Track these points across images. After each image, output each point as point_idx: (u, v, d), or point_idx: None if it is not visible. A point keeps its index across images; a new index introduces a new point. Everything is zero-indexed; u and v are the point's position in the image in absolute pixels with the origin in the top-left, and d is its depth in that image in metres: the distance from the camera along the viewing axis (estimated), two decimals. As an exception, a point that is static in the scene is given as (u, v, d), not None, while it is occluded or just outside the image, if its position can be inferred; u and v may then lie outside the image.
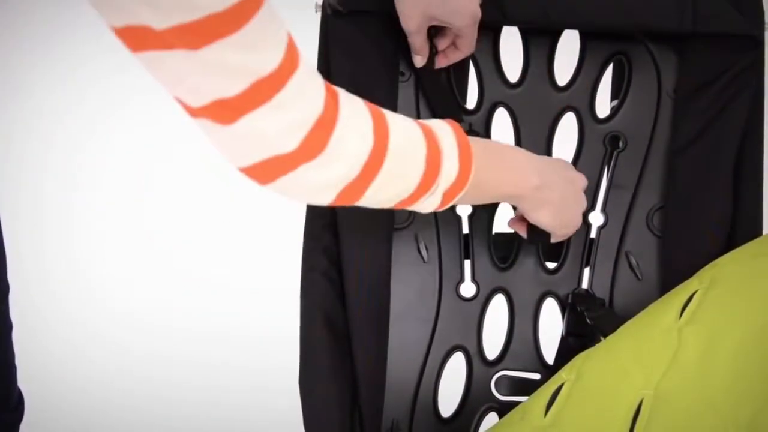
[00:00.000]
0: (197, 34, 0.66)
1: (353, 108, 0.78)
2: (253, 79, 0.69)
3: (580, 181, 1.03)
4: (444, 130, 0.87)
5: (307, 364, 1.07)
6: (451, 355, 1.11)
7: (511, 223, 1.06)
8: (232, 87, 0.69)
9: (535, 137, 1.12)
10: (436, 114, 1.10)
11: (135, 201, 2.12)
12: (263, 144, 0.73)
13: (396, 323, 1.09)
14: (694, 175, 1.09)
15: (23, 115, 2.29)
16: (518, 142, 1.13)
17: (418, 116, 1.11)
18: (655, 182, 1.11)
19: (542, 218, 1.00)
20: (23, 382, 1.31)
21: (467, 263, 1.12)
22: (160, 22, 0.65)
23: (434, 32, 1.06)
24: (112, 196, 2.17)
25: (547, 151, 1.12)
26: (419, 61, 1.08)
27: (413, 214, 1.10)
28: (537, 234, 1.03)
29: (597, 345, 1.01)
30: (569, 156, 1.13)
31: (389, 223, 1.09)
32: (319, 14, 1.11)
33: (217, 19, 0.65)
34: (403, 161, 0.82)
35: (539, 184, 0.97)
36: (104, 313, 2.06)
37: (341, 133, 0.76)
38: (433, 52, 1.07)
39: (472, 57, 1.13)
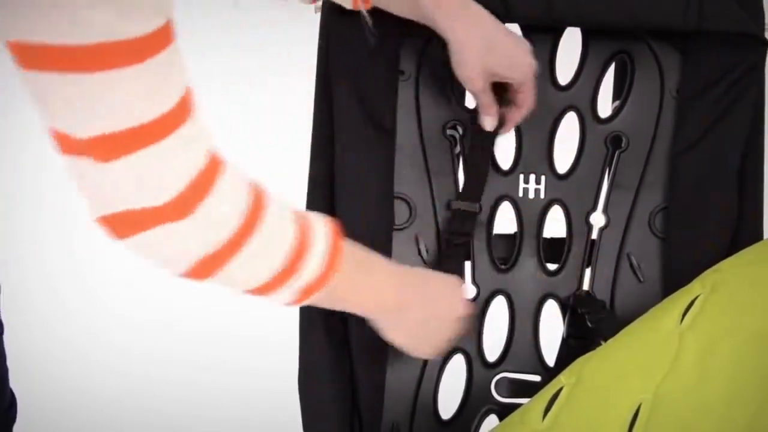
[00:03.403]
0: (94, 59, 0.64)
1: (234, 180, 0.76)
2: (145, 117, 0.67)
3: (460, 306, 0.98)
4: (319, 226, 0.84)
5: (306, 365, 1.07)
6: (451, 357, 1.10)
7: None
8: (121, 121, 0.67)
9: (535, 137, 1.12)
10: (436, 113, 1.10)
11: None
12: (133, 191, 0.70)
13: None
14: (697, 176, 1.09)
15: (23, 115, 2.28)
16: (519, 142, 1.12)
17: (418, 116, 1.11)
18: (657, 183, 1.11)
19: (392, 337, 0.96)
20: (23, 382, 1.30)
21: (467, 265, 1.11)
22: (56, 39, 0.63)
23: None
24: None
25: (549, 151, 1.12)
26: (490, 122, 1.06)
27: (414, 215, 1.10)
28: None
29: (597, 348, 1.00)
30: (571, 156, 1.12)
31: (389, 223, 1.08)
32: (319, 14, 1.10)
33: (118, 47, 0.64)
34: (268, 248, 0.79)
35: (394, 306, 0.93)
36: (103, 313, 2.06)
37: (214, 200, 0.73)
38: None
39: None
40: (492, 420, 1.10)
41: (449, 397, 1.11)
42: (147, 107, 0.67)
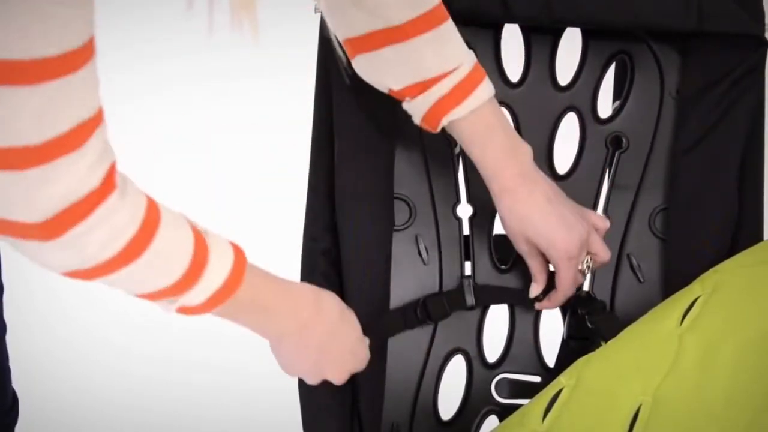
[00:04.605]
0: None
1: (117, 211, 0.74)
2: (29, 140, 0.66)
3: (355, 335, 0.97)
4: (221, 261, 0.83)
5: (306, 365, 1.06)
6: (452, 357, 1.10)
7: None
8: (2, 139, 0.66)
9: (536, 138, 1.11)
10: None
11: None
12: (5, 203, 0.69)
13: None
14: (698, 176, 1.08)
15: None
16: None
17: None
18: (657, 183, 1.11)
19: (279, 360, 0.96)
20: (24, 382, 1.30)
21: (467, 265, 1.11)
22: None
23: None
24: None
25: (549, 152, 1.12)
26: (534, 289, 1.04)
27: (413, 215, 1.10)
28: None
29: (597, 350, 1.00)
30: (571, 156, 1.12)
31: (389, 224, 1.08)
32: (319, 15, 1.10)
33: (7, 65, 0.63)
34: (150, 271, 0.78)
35: (276, 341, 0.93)
36: (104, 313, 2.06)
37: (86, 229, 0.72)
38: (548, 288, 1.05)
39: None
40: (492, 421, 1.10)
41: (449, 398, 1.11)
42: (32, 131, 0.66)
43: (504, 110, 1.11)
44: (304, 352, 0.94)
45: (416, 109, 0.98)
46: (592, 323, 1.05)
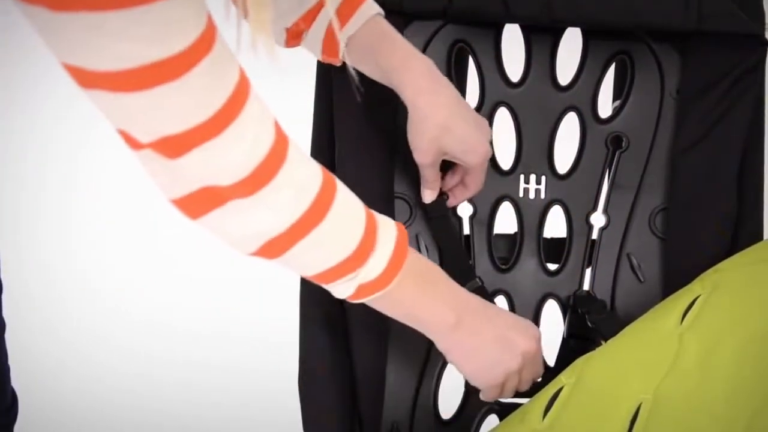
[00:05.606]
0: (134, 81, 0.67)
1: (302, 161, 0.78)
2: (199, 119, 0.70)
3: (527, 341, 0.94)
4: (388, 226, 0.85)
5: (306, 366, 1.07)
6: (452, 356, 1.10)
7: None
8: (178, 125, 0.70)
9: (536, 138, 1.12)
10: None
11: (135, 200, 2.12)
12: (199, 178, 0.74)
13: (396, 324, 1.08)
14: (698, 176, 1.09)
15: (23, 114, 2.29)
16: (519, 142, 1.12)
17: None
18: (657, 183, 1.11)
19: (453, 360, 0.94)
20: (23, 382, 1.30)
21: (467, 265, 1.11)
22: (108, 65, 0.66)
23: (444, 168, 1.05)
24: (112, 195, 2.17)
25: (549, 152, 1.12)
26: (429, 195, 1.05)
27: (414, 214, 1.10)
28: None
29: (598, 348, 1.00)
30: (571, 156, 1.12)
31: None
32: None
33: (154, 69, 0.66)
34: (335, 235, 0.80)
35: (452, 324, 0.90)
36: (104, 313, 2.06)
37: (281, 181, 0.75)
38: (444, 197, 1.06)
39: (473, 55, 1.12)
40: (492, 420, 1.10)
41: (449, 397, 1.11)
42: (199, 111, 0.70)
43: (504, 110, 1.12)
44: (485, 330, 0.92)
45: (314, 39, 0.99)
46: (592, 322, 1.05)
